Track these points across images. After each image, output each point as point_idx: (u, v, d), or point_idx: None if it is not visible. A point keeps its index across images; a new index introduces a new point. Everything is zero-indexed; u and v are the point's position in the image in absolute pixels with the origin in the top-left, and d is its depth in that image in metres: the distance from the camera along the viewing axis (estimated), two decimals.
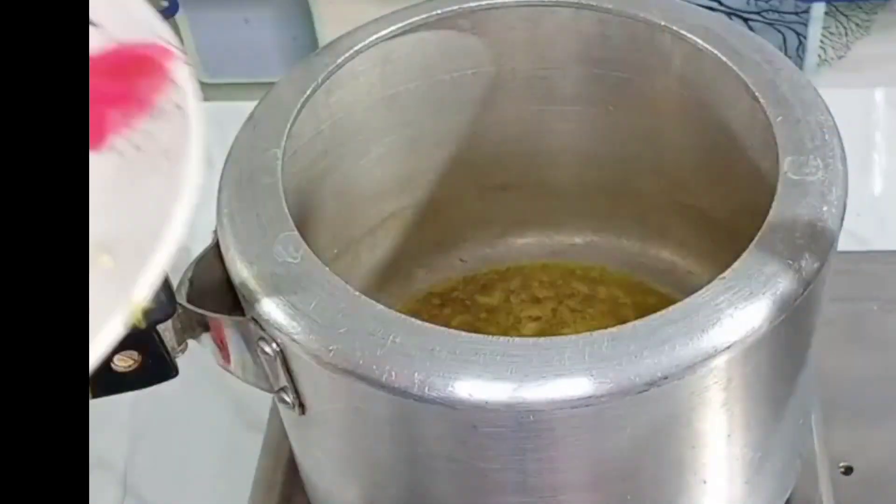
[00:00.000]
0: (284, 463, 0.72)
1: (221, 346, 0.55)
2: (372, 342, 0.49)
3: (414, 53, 0.65)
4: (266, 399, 0.63)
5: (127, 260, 0.35)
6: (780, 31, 0.91)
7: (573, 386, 0.47)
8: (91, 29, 0.38)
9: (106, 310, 0.35)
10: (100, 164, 0.37)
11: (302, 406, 0.55)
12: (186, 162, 0.37)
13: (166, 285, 0.51)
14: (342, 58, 0.62)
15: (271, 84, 0.62)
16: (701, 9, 0.65)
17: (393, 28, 0.64)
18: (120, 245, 0.36)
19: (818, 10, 0.87)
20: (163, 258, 0.35)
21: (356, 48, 0.63)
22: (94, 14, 0.38)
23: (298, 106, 0.60)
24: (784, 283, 0.49)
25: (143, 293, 0.35)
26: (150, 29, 0.38)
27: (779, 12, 0.90)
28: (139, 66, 0.37)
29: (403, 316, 0.50)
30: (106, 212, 0.36)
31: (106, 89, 0.37)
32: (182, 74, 0.38)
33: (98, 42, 0.38)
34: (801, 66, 0.91)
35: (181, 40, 0.42)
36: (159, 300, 0.50)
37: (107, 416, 0.78)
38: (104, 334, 0.35)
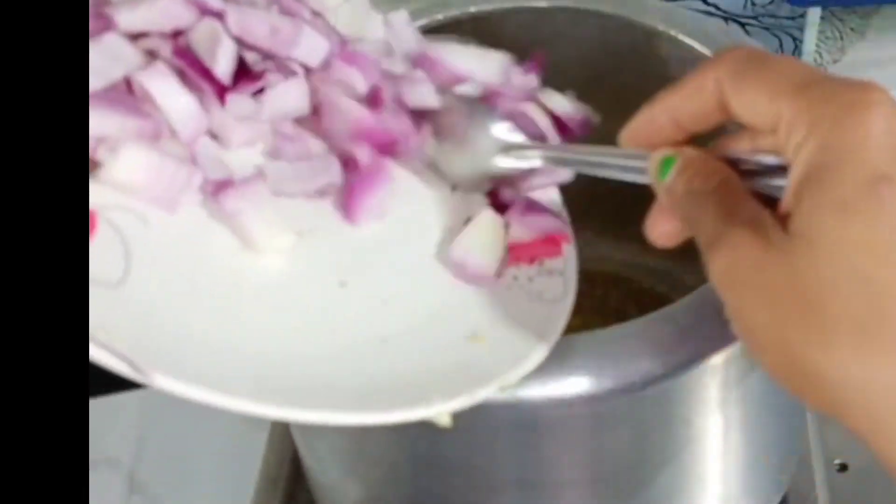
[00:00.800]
0: (289, 460, 0.72)
1: None
2: None
3: None
4: None
5: (494, 351, 0.46)
6: (776, 36, 0.92)
7: (572, 385, 0.47)
8: None
9: (470, 382, 0.44)
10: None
11: None
12: (562, 307, 0.49)
13: None
14: None
15: None
16: (698, 14, 0.66)
17: None
18: (493, 337, 0.47)
19: (814, 14, 0.88)
20: (528, 367, 0.46)
21: None
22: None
23: None
24: None
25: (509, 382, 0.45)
26: (559, 219, 0.54)
27: (775, 17, 0.90)
28: (550, 240, 0.52)
29: None
30: (490, 312, 0.48)
31: (525, 245, 0.51)
32: (569, 253, 0.52)
33: None
34: None
35: None
36: None
37: (114, 414, 0.78)
38: (462, 399, 0.44)
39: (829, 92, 0.36)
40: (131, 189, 0.43)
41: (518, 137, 0.50)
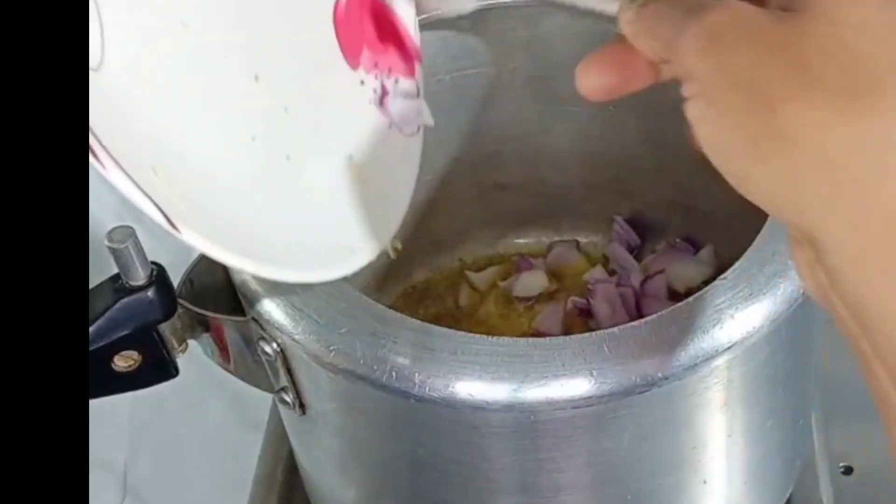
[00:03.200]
0: (284, 462, 0.72)
1: (221, 346, 0.55)
2: (372, 342, 0.49)
3: None
4: (266, 399, 0.63)
5: (374, 181, 0.51)
6: None
7: (574, 386, 0.47)
8: None
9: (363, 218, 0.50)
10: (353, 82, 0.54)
11: (302, 406, 0.55)
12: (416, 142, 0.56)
13: (167, 285, 0.51)
14: None
15: None
16: None
17: None
18: (368, 164, 0.52)
19: None
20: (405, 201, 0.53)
21: None
22: None
23: None
24: (784, 284, 0.49)
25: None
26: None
27: None
28: (405, 53, 0.56)
29: (404, 316, 0.51)
30: (359, 130, 0.54)
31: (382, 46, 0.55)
32: (420, 78, 0.57)
33: None
34: None
35: None
36: (160, 300, 0.51)
37: (107, 416, 0.78)
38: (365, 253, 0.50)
39: None
40: None
41: None
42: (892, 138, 0.32)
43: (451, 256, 0.78)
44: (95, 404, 0.45)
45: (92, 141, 0.37)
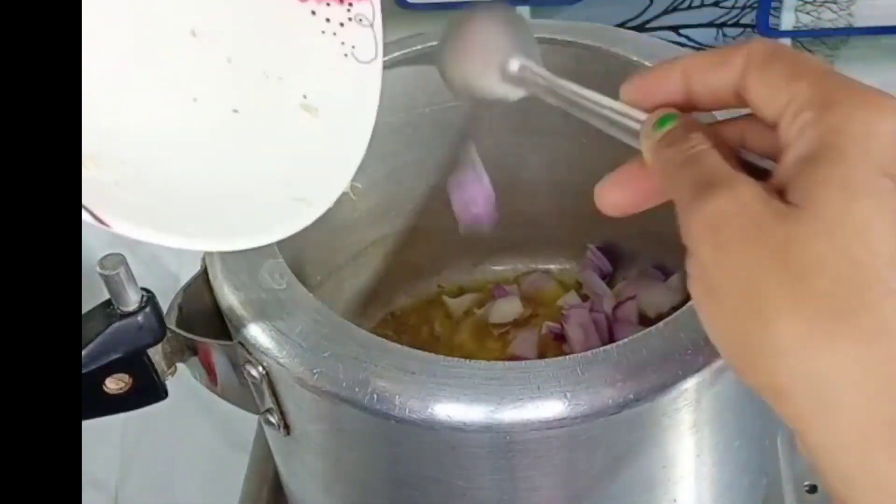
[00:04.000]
0: (270, 482, 0.72)
1: (209, 370, 0.56)
2: (355, 365, 0.50)
3: (394, 88, 0.65)
4: (252, 420, 0.63)
5: (330, 122, 0.48)
6: None
7: (548, 408, 0.48)
8: None
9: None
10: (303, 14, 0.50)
11: (287, 427, 0.55)
12: (373, 69, 0.52)
13: (156, 311, 0.52)
14: None
15: None
16: (671, 44, 0.67)
17: None
18: (323, 103, 0.49)
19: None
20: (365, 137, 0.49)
21: None
22: None
23: None
24: None
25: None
26: None
27: None
28: None
29: (385, 340, 0.51)
30: (312, 66, 0.50)
31: None
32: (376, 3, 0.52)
33: None
34: None
35: None
36: (150, 325, 0.51)
37: (99, 436, 0.78)
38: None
39: (847, 85, 0.36)
40: None
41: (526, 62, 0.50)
42: (870, 362, 0.33)
43: (430, 283, 0.79)
44: (88, 425, 0.45)
45: None
